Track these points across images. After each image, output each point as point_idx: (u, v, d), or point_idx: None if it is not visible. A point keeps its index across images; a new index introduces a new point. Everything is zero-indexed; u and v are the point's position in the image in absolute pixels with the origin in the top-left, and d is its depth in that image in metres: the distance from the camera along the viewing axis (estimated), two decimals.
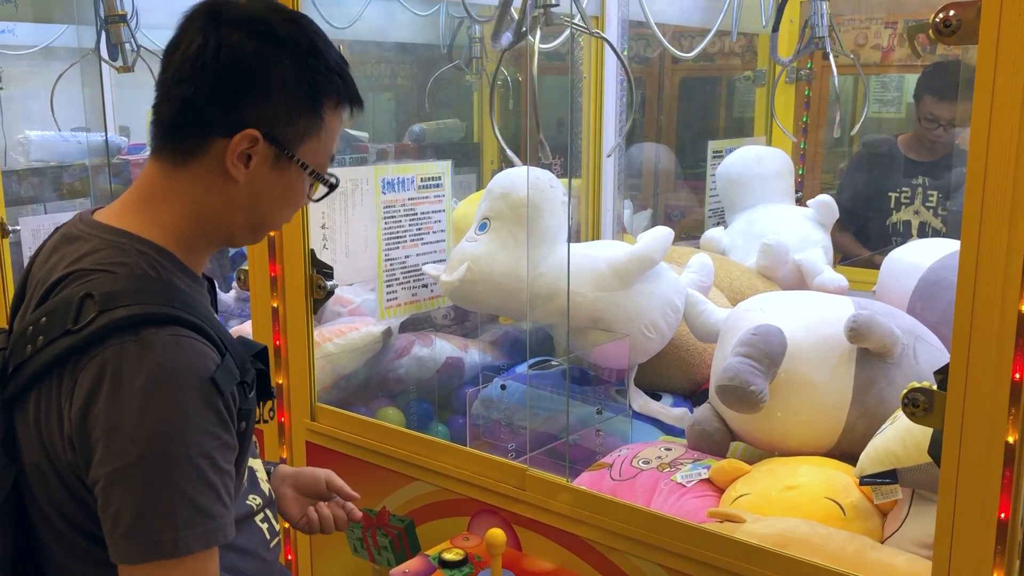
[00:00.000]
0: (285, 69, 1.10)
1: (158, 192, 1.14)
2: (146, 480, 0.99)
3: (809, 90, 3.35)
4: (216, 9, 1.10)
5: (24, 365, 1.06)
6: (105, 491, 1.00)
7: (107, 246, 1.10)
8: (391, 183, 2.17)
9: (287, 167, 1.14)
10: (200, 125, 1.10)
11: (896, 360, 1.68)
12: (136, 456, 0.98)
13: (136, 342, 1.01)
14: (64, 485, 1.06)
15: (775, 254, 2.42)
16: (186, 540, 0.99)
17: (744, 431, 1.80)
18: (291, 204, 1.19)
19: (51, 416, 1.04)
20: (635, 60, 3.05)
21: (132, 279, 1.06)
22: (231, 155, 1.09)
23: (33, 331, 1.06)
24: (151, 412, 0.99)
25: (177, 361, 1.01)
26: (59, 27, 3.30)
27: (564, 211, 2.10)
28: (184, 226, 1.14)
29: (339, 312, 2.40)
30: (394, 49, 3.52)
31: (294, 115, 1.12)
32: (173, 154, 1.12)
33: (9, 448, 1.08)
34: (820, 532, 1.44)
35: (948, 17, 1.12)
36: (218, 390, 1.03)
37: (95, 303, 1.03)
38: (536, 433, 1.90)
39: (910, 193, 2.93)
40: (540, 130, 1.89)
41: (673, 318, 2.05)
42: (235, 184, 1.12)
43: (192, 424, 1.01)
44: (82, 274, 1.07)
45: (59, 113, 3.13)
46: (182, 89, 1.08)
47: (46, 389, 1.05)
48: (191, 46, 1.08)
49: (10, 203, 2.90)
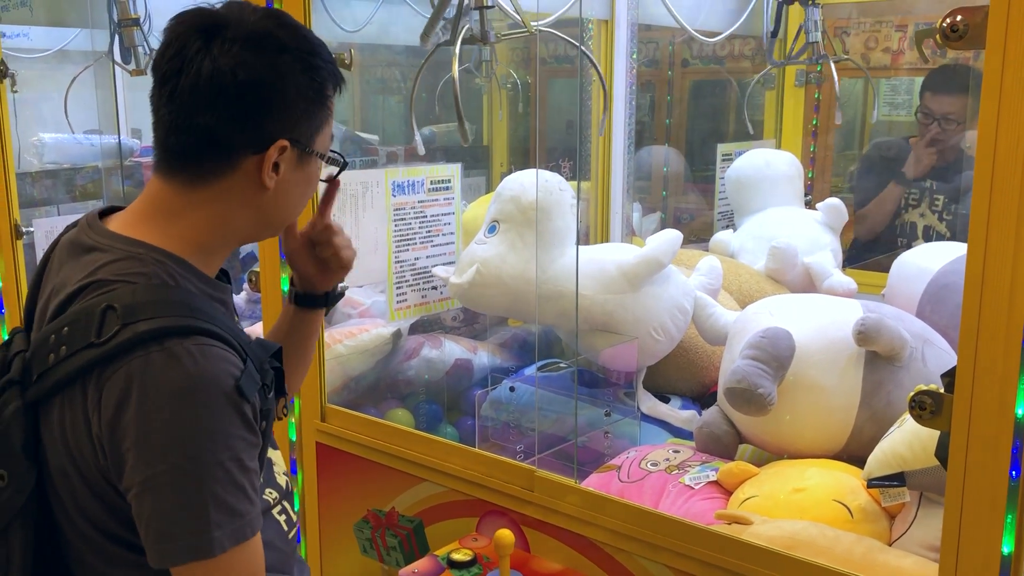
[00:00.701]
0: (297, 75, 1.12)
1: (175, 208, 1.15)
2: (178, 486, 1.02)
3: (819, 93, 3.35)
4: (207, 27, 1.10)
5: (47, 373, 1.08)
6: (139, 498, 1.03)
7: (125, 256, 1.11)
8: (401, 186, 2.18)
9: (308, 162, 1.18)
10: (226, 149, 1.11)
11: (904, 363, 1.68)
12: (168, 464, 1.01)
13: (161, 352, 1.03)
14: (90, 489, 1.08)
15: (784, 257, 2.42)
16: (220, 540, 1.03)
17: (752, 434, 1.80)
18: (310, 192, 1.22)
19: (78, 424, 1.06)
20: (645, 63, 3.05)
21: (152, 290, 1.08)
22: (266, 168, 1.12)
23: (55, 340, 1.08)
24: (180, 420, 1.02)
25: (203, 370, 1.03)
26: (73, 31, 3.33)
27: (573, 214, 2.10)
28: (205, 237, 1.15)
29: (349, 314, 2.41)
30: (404, 52, 3.53)
31: (310, 114, 1.15)
32: (191, 177, 1.13)
33: (30, 451, 1.10)
34: (828, 534, 1.44)
35: (956, 22, 1.13)
36: (243, 396, 1.05)
37: (117, 316, 1.04)
38: (545, 435, 1.91)
39: (918, 195, 2.92)
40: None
41: (682, 321, 2.06)
42: (265, 192, 1.14)
43: (220, 430, 1.03)
44: (101, 285, 1.09)
45: (72, 116, 3.16)
46: (203, 118, 1.09)
47: (70, 398, 1.07)
48: (199, 72, 1.08)
49: (24, 205, 2.92)
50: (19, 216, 2.84)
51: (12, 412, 1.09)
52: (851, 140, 3.57)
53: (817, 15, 2.66)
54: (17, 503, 1.09)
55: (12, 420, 1.09)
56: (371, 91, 3.99)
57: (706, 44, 3.03)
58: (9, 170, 2.81)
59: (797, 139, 3.34)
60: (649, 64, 3.44)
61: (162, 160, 1.15)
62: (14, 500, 1.09)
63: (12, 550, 1.09)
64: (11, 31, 3.15)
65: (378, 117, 4.08)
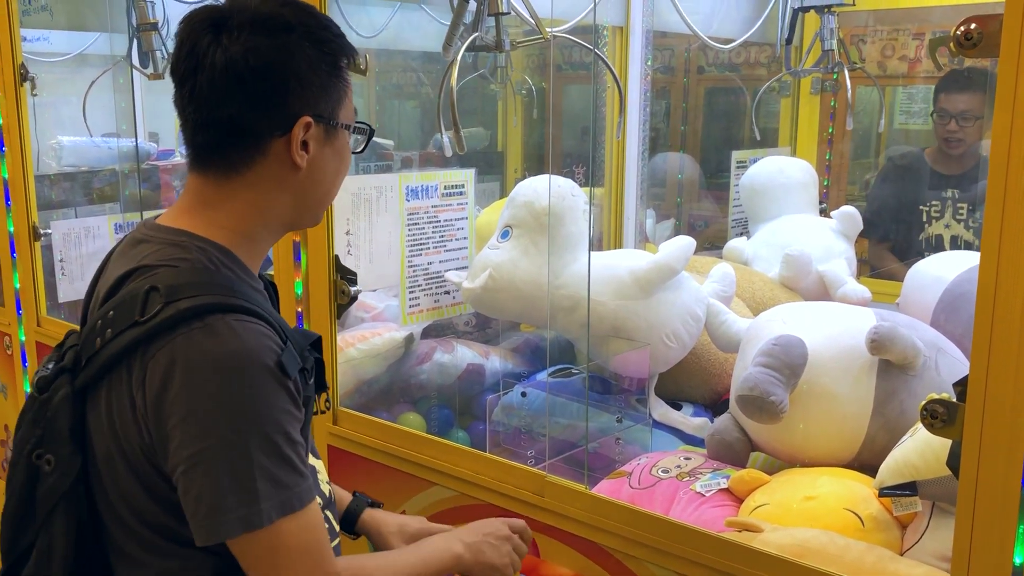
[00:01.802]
0: (307, 50, 1.13)
1: (212, 199, 1.17)
2: (226, 459, 1.03)
3: (835, 101, 3.35)
4: (214, 21, 1.12)
5: (94, 357, 1.11)
6: (187, 474, 1.05)
7: (168, 244, 1.14)
8: (415, 190, 2.19)
9: (335, 136, 1.19)
10: (254, 135, 1.13)
11: (918, 372, 1.68)
12: (216, 437, 1.03)
13: (203, 329, 1.05)
14: (134, 472, 1.10)
15: (798, 265, 2.42)
16: (268, 511, 1.05)
17: (764, 441, 1.79)
18: (344, 168, 1.24)
19: (123, 404, 1.09)
20: (660, 70, 3.06)
21: (194, 272, 1.11)
22: (294, 147, 1.14)
23: (101, 325, 1.11)
24: (226, 394, 1.04)
25: (245, 344, 1.06)
26: (92, 35, 3.37)
27: (586, 220, 2.11)
28: (245, 224, 1.18)
29: (362, 318, 2.42)
30: (420, 58, 3.55)
31: (328, 88, 1.16)
32: (224, 169, 1.16)
33: (77, 436, 1.13)
34: (839, 543, 1.44)
35: (970, 30, 1.12)
36: (285, 373, 1.07)
37: (160, 295, 1.07)
38: (556, 440, 1.91)
39: (940, 207, 2.91)
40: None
41: (694, 327, 2.05)
42: (298, 172, 1.16)
43: (265, 402, 1.05)
44: (145, 270, 1.12)
45: (91, 119, 3.19)
46: (225, 110, 1.11)
47: (116, 379, 1.09)
48: (213, 65, 1.10)
49: (42, 207, 2.95)
50: (37, 218, 2.87)
51: (61, 398, 1.12)
52: (866, 148, 3.56)
53: (832, 23, 2.66)
54: (62, 487, 1.11)
55: (61, 406, 1.12)
56: (387, 96, 4.01)
57: (721, 51, 3.03)
58: (28, 173, 2.84)
59: (812, 147, 3.33)
60: (664, 71, 3.45)
61: (194, 157, 1.17)
62: (60, 484, 1.11)
63: (55, 537, 1.12)
64: (32, 35, 3.19)
65: (393, 122, 4.10)
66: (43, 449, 1.12)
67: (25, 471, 1.13)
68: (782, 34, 2.85)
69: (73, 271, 2.97)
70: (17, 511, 1.14)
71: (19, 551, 1.14)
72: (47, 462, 1.11)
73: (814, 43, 2.77)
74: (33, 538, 1.13)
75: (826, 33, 2.66)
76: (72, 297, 2.99)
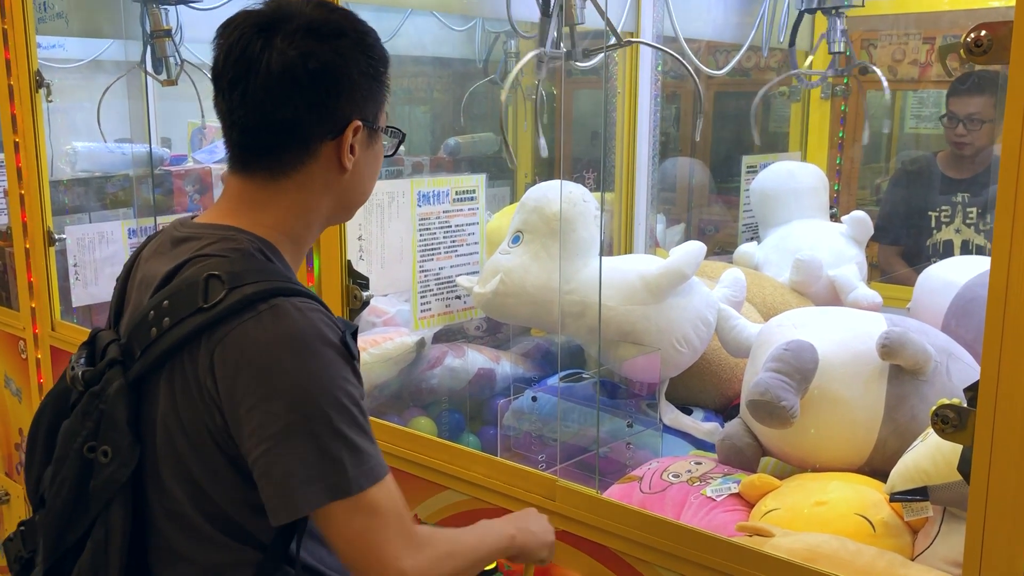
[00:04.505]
0: (358, 57, 1.16)
1: (259, 200, 1.19)
2: (310, 432, 1.05)
3: (845, 106, 3.34)
4: (264, 25, 1.13)
5: (151, 347, 1.11)
6: (269, 453, 1.06)
7: (220, 239, 1.16)
8: (426, 196, 2.20)
9: (376, 140, 1.23)
10: (306, 137, 1.15)
11: (929, 377, 1.68)
12: (299, 414, 1.05)
13: (270, 311, 1.07)
14: (199, 457, 1.11)
15: (808, 270, 2.42)
16: (357, 479, 1.08)
17: (775, 446, 1.80)
18: (378, 169, 1.27)
19: (189, 390, 1.10)
20: (670, 75, 3.06)
21: (250, 259, 1.13)
22: (344, 151, 1.17)
23: (156, 315, 1.12)
24: (302, 371, 1.06)
25: (312, 322, 1.08)
26: (106, 42, 3.39)
27: (597, 225, 2.11)
28: (290, 224, 1.20)
29: (374, 322, 2.43)
30: (431, 63, 3.57)
31: (374, 92, 1.20)
32: (272, 171, 1.18)
33: (134, 426, 1.13)
34: (849, 548, 1.44)
35: (980, 37, 1.12)
36: (348, 350, 1.10)
37: (223, 282, 1.09)
38: (566, 445, 1.91)
39: (950, 212, 2.90)
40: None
41: (705, 332, 2.06)
42: (344, 174, 1.19)
43: (339, 375, 1.08)
44: (199, 259, 1.14)
45: (105, 125, 3.21)
46: (280, 113, 1.13)
47: (179, 366, 1.10)
48: (268, 68, 1.11)
49: (56, 212, 2.97)
50: (51, 223, 2.89)
51: (116, 389, 1.13)
52: (877, 153, 3.55)
53: (841, 25, 2.63)
54: (121, 477, 1.12)
55: (116, 398, 1.13)
56: (398, 102, 4.02)
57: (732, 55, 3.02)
58: (43, 178, 2.87)
59: (823, 151, 3.33)
60: (674, 76, 3.45)
61: (238, 159, 1.19)
62: (118, 474, 1.12)
63: (112, 528, 1.12)
64: (47, 42, 3.21)
65: (404, 127, 4.11)
66: (97, 441, 1.12)
67: (77, 465, 1.12)
68: (768, 35, 2.80)
69: (87, 276, 2.99)
70: (67, 506, 1.13)
71: (66, 546, 1.13)
72: (103, 454, 1.11)
73: (819, 44, 2.75)
74: (83, 532, 1.12)
75: (835, 35, 2.63)
76: (86, 302, 3.00)
